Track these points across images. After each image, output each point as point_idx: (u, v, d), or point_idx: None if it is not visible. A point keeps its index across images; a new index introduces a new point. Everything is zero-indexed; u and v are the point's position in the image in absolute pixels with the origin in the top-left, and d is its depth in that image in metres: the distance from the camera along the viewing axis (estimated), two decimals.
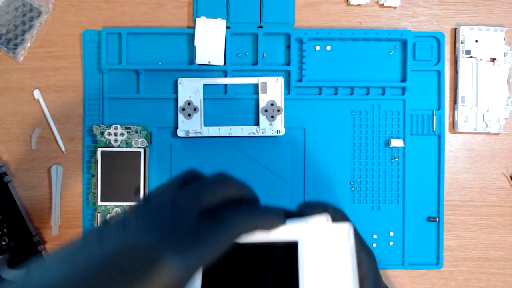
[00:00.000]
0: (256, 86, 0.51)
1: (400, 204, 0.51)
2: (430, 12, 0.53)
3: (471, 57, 0.52)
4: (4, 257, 0.47)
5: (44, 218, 0.51)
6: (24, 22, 0.50)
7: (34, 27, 0.50)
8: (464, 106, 0.52)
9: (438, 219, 0.51)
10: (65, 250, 0.21)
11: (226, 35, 0.50)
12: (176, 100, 0.51)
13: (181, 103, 0.50)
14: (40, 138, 0.51)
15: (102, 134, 0.49)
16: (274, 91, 0.51)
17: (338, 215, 0.25)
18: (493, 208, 0.53)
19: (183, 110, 0.50)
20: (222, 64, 0.50)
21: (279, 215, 0.23)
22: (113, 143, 0.49)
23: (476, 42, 0.51)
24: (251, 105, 0.51)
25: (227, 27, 0.51)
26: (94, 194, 0.49)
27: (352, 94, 0.51)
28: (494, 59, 0.52)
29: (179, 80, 0.50)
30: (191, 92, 0.50)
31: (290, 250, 0.23)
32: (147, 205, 0.22)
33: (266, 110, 0.51)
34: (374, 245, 0.51)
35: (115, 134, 0.49)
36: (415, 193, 0.52)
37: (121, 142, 0.49)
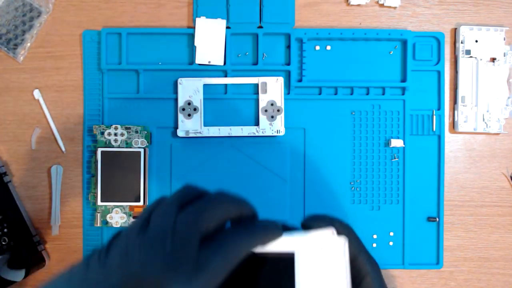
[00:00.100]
0: (256, 86, 0.51)
1: (400, 204, 0.51)
2: (430, 12, 0.53)
3: (471, 57, 0.52)
4: (4, 257, 0.47)
5: (44, 218, 0.51)
6: (24, 22, 0.50)
7: (34, 27, 0.50)
8: (464, 106, 0.52)
9: (438, 219, 0.51)
10: (68, 277, 0.22)
11: (226, 35, 0.50)
12: (176, 100, 0.51)
13: (181, 103, 0.50)
14: (40, 138, 0.51)
15: (102, 134, 0.49)
16: (274, 91, 0.51)
17: (344, 229, 0.26)
18: (493, 208, 0.53)
19: (183, 110, 0.50)
20: (222, 64, 0.50)
21: (277, 229, 0.24)
22: (113, 143, 0.49)
23: (476, 42, 0.51)
24: (251, 105, 0.51)
25: (227, 27, 0.51)
26: (94, 194, 0.49)
27: (352, 94, 0.51)
28: (494, 59, 0.52)
29: (179, 80, 0.50)
30: (191, 92, 0.50)
31: (287, 261, 0.24)
32: (148, 231, 0.22)
33: (266, 110, 0.51)
34: (374, 245, 0.51)
35: (115, 134, 0.49)
36: (415, 193, 0.52)
37: (121, 142, 0.49)
